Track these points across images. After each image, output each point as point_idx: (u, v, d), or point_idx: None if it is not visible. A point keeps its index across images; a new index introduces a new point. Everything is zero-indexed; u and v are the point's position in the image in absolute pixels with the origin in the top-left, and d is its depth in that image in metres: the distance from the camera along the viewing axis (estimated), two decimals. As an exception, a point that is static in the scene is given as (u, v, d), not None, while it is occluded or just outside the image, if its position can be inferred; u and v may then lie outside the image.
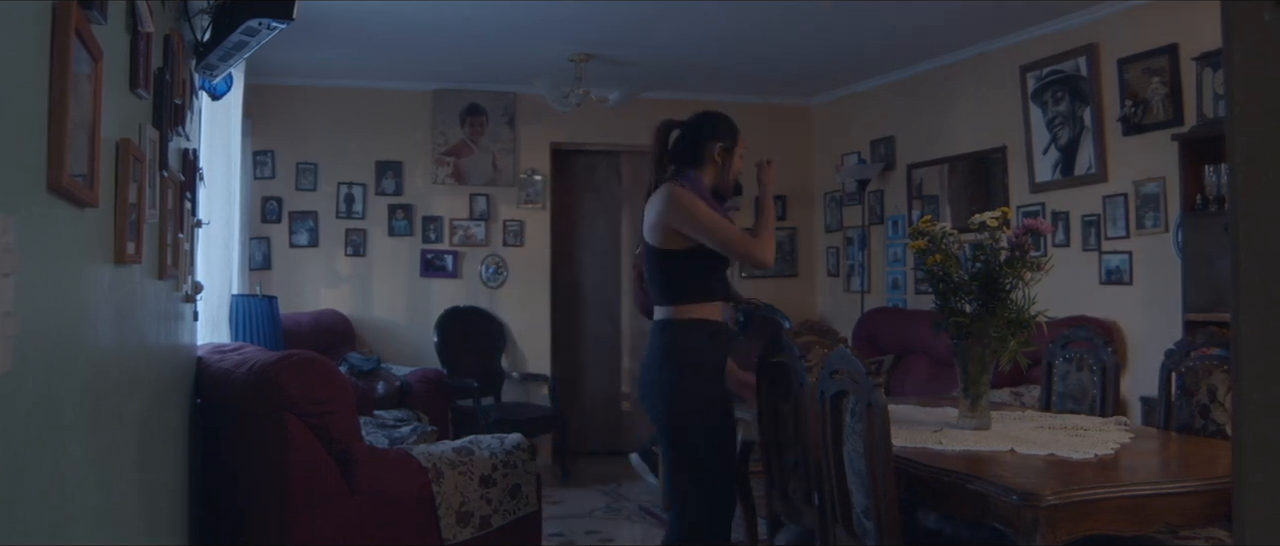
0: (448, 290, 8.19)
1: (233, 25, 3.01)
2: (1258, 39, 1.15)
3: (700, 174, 3.75)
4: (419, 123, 8.12)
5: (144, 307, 2.53)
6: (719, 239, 3.57)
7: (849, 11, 6.10)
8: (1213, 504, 2.94)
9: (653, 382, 3.66)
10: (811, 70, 7.85)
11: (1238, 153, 1.18)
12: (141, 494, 2.56)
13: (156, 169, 2.48)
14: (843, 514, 3.19)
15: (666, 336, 3.65)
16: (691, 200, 3.59)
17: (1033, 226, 3.61)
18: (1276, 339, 1.17)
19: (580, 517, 6.43)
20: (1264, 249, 1.16)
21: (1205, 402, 3.73)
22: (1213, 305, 5.10)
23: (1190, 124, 5.34)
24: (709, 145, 3.77)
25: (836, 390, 3.16)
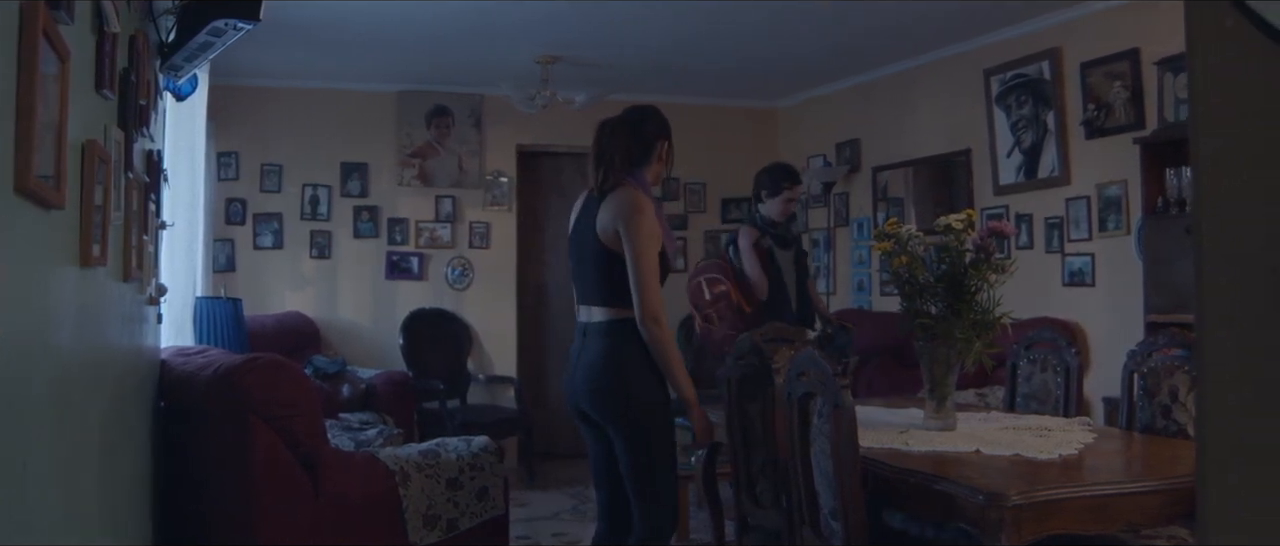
0: (413, 292, 8.16)
1: (198, 26, 2.98)
2: (1220, 44, 1.17)
3: (647, 173, 3.67)
4: (384, 124, 8.08)
5: (109, 310, 2.50)
6: (639, 267, 3.45)
7: (815, 14, 6.13)
8: (1174, 503, 2.97)
9: (603, 389, 3.54)
10: (777, 73, 7.87)
11: (1202, 157, 1.20)
12: (104, 496, 2.53)
13: (122, 170, 2.46)
14: (810, 514, 3.21)
15: (614, 338, 3.53)
16: (646, 219, 3.49)
17: (997, 229, 3.64)
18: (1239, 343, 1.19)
19: (546, 520, 6.42)
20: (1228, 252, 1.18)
21: (1167, 403, 3.77)
22: (1173, 306, 5.16)
23: (1151, 127, 5.41)
24: (658, 143, 3.70)
25: (804, 391, 3.17)
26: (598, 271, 3.56)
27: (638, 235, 3.45)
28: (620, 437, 3.57)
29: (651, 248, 3.46)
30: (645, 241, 3.45)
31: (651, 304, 3.44)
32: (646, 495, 3.57)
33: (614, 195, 3.55)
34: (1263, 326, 1.18)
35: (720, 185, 8.98)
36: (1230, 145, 1.20)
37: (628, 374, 3.52)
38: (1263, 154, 1.17)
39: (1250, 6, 1.13)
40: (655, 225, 3.50)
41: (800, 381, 3.20)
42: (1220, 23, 1.15)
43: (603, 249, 3.53)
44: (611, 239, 3.50)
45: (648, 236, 3.46)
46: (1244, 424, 1.18)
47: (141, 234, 3.12)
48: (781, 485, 3.37)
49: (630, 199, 3.51)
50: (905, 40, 6.82)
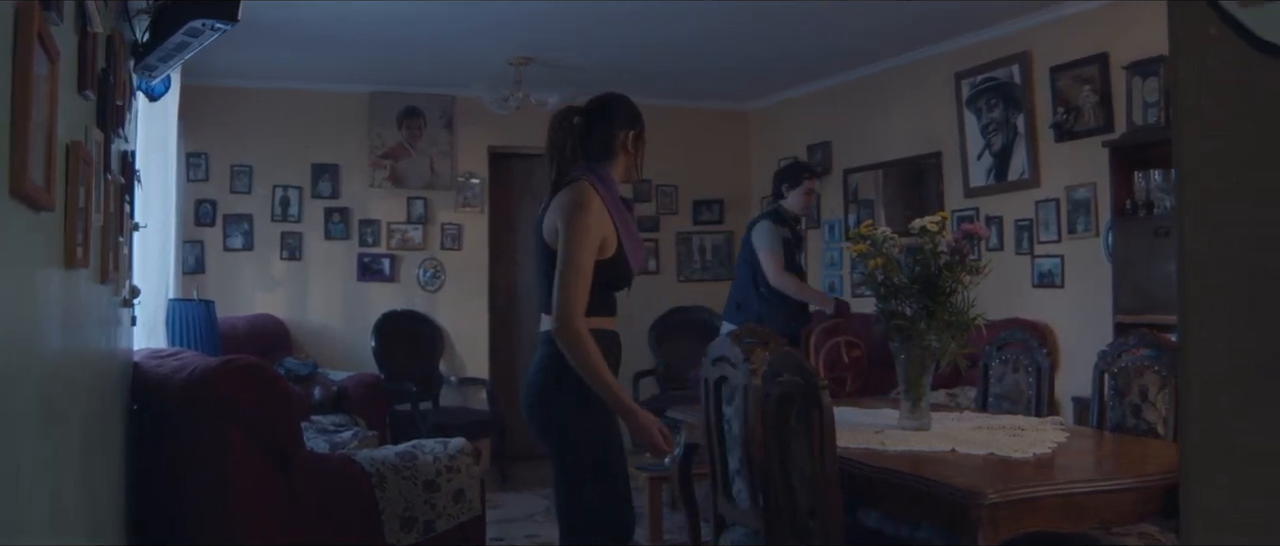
0: (385, 294, 8.14)
1: (175, 26, 2.97)
2: (1204, 50, 1.20)
3: (611, 169, 3.33)
4: (355, 125, 8.06)
5: (89, 312, 2.49)
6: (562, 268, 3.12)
7: (786, 16, 6.16)
8: (1146, 500, 3.03)
9: (533, 404, 3.28)
10: (749, 75, 7.91)
11: (1186, 161, 1.22)
12: (85, 500, 2.52)
13: (101, 172, 2.45)
14: (788, 514, 3.23)
15: (551, 349, 3.20)
16: (586, 216, 3.14)
17: (971, 231, 3.68)
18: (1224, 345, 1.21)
19: (519, 521, 6.42)
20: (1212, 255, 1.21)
21: (1137, 402, 3.83)
22: (1142, 308, 5.23)
23: (1120, 131, 5.48)
24: (620, 133, 3.33)
25: (782, 392, 3.19)
26: (542, 275, 3.28)
27: (571, 232, 3.11)
28: (557, 462, 3.31)
29: (582, 249, 3.11)
30: (575, 240, 3.10)
31: (566, 307, 3.08)
32: (565, 526, 3.32)
33: (562, 192, 3.23)
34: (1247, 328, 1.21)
35: (692, 187, 9.01)
36: (1213, 149, 1.22)
37: (557, 390, 3.21)
38: (1245, 157, 1.20)
39: (1233, 14, 1.16)
40: (599, 224, 3.16)
41: (778, 382, 3.22)
42: (1204, 30, 1.17)
43: (547, 251, 3.23)
44: (553, 238, 3.19)
45: (581, 235, 3.11)
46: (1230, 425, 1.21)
47: (117, 236, 3.10)
48: (759, 485, 3.39)
49: (575, 194, 3.18)
50: (877, 43, 6.87)
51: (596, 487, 3.25)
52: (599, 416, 3.20)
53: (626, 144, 3.35)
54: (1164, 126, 5.11)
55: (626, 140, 3.35)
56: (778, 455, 3.22)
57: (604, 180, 3.28)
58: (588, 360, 3.10)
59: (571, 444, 3.25)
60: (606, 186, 3.27)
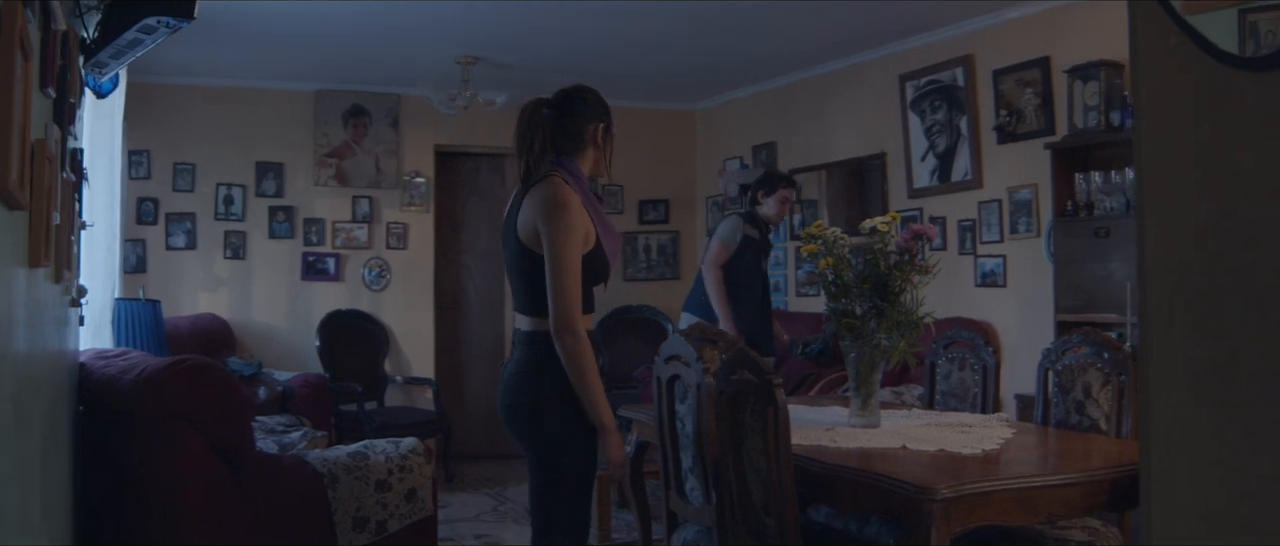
0: (330, 293, 8.08)
1: (128, 22, 2.93)
2: (1163, 61, 1.25)
3: (581, 162, 3.27)
4: (300, 124, 7.99)
5: (46, 312, 2.46)
6: (556, 270, 3.06)
7: (733, 18, 6.20)
8: (1092, 494, 3.10)
9: (515, 406, 3.23)
10: (696, 76, 7.95)
11: (1145, 168, 1.27)
12: (43, 501, 2.49)
13: (59, 170, 2.42)
14: (742, 511, 3.26)
15: (535, 350, 3.17)
16: (569, 215, 3.08)
17: (920, 231, 3.74)
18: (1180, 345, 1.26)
19: (467, 521, 6.41)
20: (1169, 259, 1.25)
21: (1080, 399, 3.92)
22: (1082, 306, 5.34)
23: (1062, 133, 5.59)
24: (589, 126, 3.27)
25: (736, 390, 3.23)
26: (520, 275, 3.22)
27: (557, 233, 3.06)
28: (530, 460, 3.29)
29: (572, 248, 3.07)
30: (565, 240, 3.06)
31: (567, 313, 3.04)
32: (542, 528, 3.27)
33: (537, 188, 3.15)
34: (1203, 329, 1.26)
35: (638, 188, 9.04)
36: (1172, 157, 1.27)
37: (541, 394, 3.17)
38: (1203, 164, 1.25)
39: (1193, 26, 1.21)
40: (582, 222, 3.11)
41: (732, 380, 3.26)
42: (1165, 40, 1.22)
43: (524, 249, 3.17)
44: (532, 238, 3.13)
45: (568, 235, 3.06)
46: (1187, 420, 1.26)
47: (69, 235, 3.07)
48: (712, 483, 3.42)
49: (553, 192, 3.10)
50: (822, 45, 6.94)
51: (575, 488, 3.24)
52: (582, 416, 3.15)
53: (597, 137, 3.29)
54: (1104, 129, 5.23)
55: (596, 133, 3.29)
56: (732, 453, 3.26)
57: (575, 174, 3.21)
58: (585, 365, 3.07)
59: (556, 444, 3.19)
60: (578, 180, 3.20)
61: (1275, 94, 1.13)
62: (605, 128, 3.31)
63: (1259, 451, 1.16)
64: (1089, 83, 5.29)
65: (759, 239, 6.01)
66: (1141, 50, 1.28)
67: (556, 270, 3.05)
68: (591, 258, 3.17)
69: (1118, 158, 5.23)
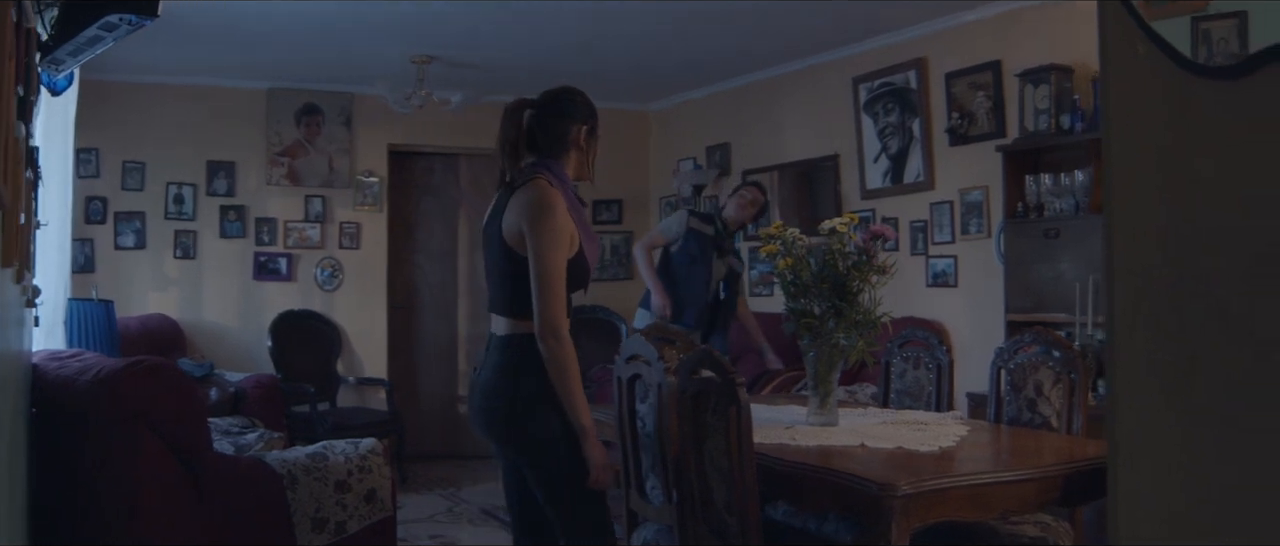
0: (282, 293, 8.02)
1: (89, 19, 2.90)
2: (1132, 69, 1.29)
3: (565, 165, 3.21)
4: (252, 122, 7.92)
5: (8, 313, 2.44)
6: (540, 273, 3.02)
7: (687, 18, 6.23)
8: (1045, 490, 3.16)
9: (493, 411, 3.15)
10: (650, 76, 7.98)
11: (1114, 173, 1.31)
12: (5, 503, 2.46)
13: (23, 168, 2.40)
14: (703, 510, 3.29)
15: (513, 353, 3.12)
16: (554, 217, 3.03)
17: (878, 232, 3.80)
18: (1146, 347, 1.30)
19: (421, 522, 6.40)
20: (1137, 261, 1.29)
21: (1032, 397, 3.99)
22: (1032, 307, 5.43)
23: (1012, 136, 5.68)
24: (573, 128, 3.20)
25: (698, 389, 3.26)
26: (500, 276, 3.17)
27: (543, 236, 3.01)
28: (527, 470, 3.20)
29: (557, 251, 3.02)
30: (550, 243, 3.01)
31: (551, 315, 3.00)
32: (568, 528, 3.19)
33: (522, 190, 3.10)
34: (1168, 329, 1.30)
35: (591, 188, 9.02)
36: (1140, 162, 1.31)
37: (522, 398, 3.10)
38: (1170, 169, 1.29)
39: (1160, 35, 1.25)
40: (566, 225, 3.06)
41: (694, 379, 3.28)
42: (1133, 48, 1.26)
43: (507, 251, 3.11)
44: (516, 240, 3.07)
45: (553, 238, 3.02)
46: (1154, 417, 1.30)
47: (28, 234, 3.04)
48: (674, 482, 3.45)
49: (538, 195, 3.05)
50: (777, 47, 6.99)
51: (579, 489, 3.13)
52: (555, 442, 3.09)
53: (579, 139, 3.22)
54: (1054, 132, 5.32)
55: (579, 136, 3.22)
56: (693, 451, 3.28)
57: (560, 177, 3.15)
58: (566, 370, 3.03)
59: (544, 448, 3.11)
60: (563, 183, 3.14)
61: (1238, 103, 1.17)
62: (589, 130, 3.24)
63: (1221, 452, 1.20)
64: (1039, 86, 5.38)
65: (711, 235, 6.06)
66: (1110, 57, 1.32)
67: (542, 273, 3.01)
68: (573, 263, 3.10)
69: (1067, 160, 5.33)
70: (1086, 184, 5.14)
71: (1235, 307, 1.16)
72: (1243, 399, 1.17)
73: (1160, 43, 1.26)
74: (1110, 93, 1.33)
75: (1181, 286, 1.25)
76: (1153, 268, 1.30)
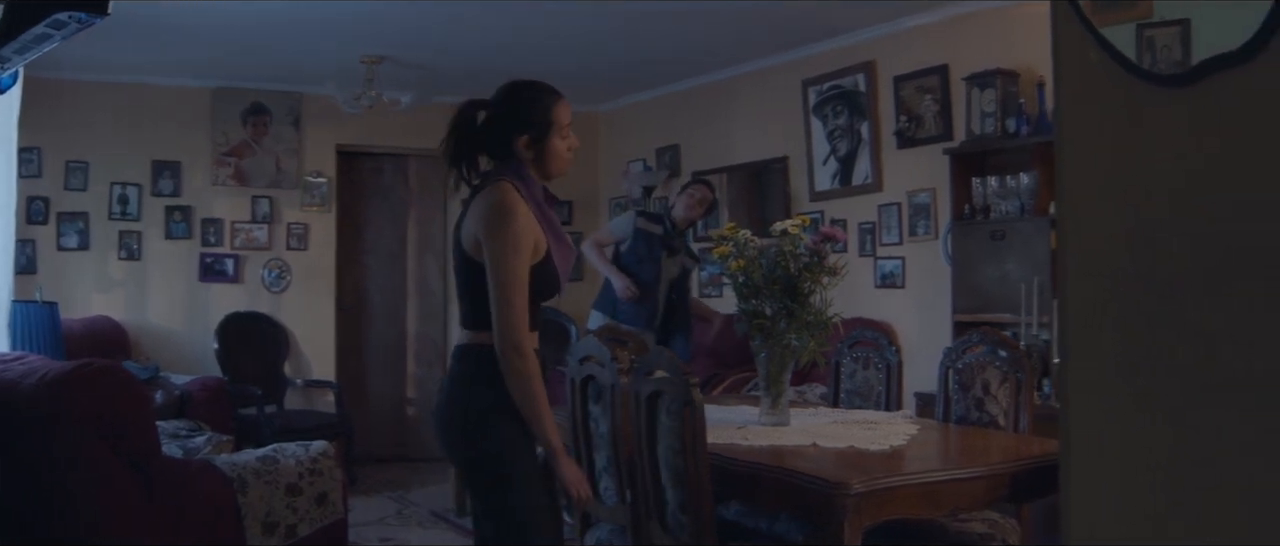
0: (228, 295, 7.94)
1: (36, 17, 2.86)
2: (1084, 75, 1.32)
3: (527, 166, 2.99)
4: (198, 122, 7.83)
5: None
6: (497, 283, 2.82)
7: (638, 20, 6.25)
8: (993, 488, 3.21)
9: (446, 425, 2.95)
10: (600, 77, 7.98)
11: (1067, 177, 1.34)
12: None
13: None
14: (657, 510, 3.31)
15: (469, 363, 2.93)
16: (513, 223, 2.82)
17: (829, 234, 3.83)
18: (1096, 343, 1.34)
19: (371, 525, 6.37)
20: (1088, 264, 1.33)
21: (980, 396, 4.05)
22: (978, 307, 5.51)
23: (959, 139, 5.76)
24: (513, 138, 2.96)
25: (652, 390, 3.28)
26: (461, 285, 3.00)
27: (500, 243, 2.81)
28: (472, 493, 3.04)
29: (515, 258, 2.80)
30: (507, 250, 2.80)
31: (508, 328, 2.79)
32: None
33: (482, 195, 2.92)
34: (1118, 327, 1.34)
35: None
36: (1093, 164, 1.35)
37: (474, 409, 2.89)
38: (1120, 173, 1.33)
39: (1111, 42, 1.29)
40: (527, 230, 2.84)
41: (648, 380, 3.30)
42: (1085, 55, 1.30)
43: (467, 259, 2.93)
44: (475, 248, 2.89)
45: (511, 244, 2.81)
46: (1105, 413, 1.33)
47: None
48: (627, 482, 3.46)
49: (496, 199, 2.84)
50: (726, 49, 7.02)
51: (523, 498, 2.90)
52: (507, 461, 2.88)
53: (520, 149, 2.97)
54: (1000, 135, 5.40)
55: (519, 145, 2.97)
56: (647, 452, 3.30)
57: (525, 179, 2.94)
58: (529, 387, 2.81)
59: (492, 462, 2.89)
60: (528, 186, 2.94)
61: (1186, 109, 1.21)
62: (531, 140, 2.95)
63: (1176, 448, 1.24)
64: (986, 90, 5.46)
65: (660, 235, 6.08)
66: (1063, 63, 1.36)
67: (499, 283, 2.80)
68: (540, 270, 2.91)
69: (1013, 163, 5.41)
70: (1032, 186, 5.22)
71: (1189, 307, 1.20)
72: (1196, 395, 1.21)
73: (1111, 50, 1.29)
74: (1063, 98, 1.37)
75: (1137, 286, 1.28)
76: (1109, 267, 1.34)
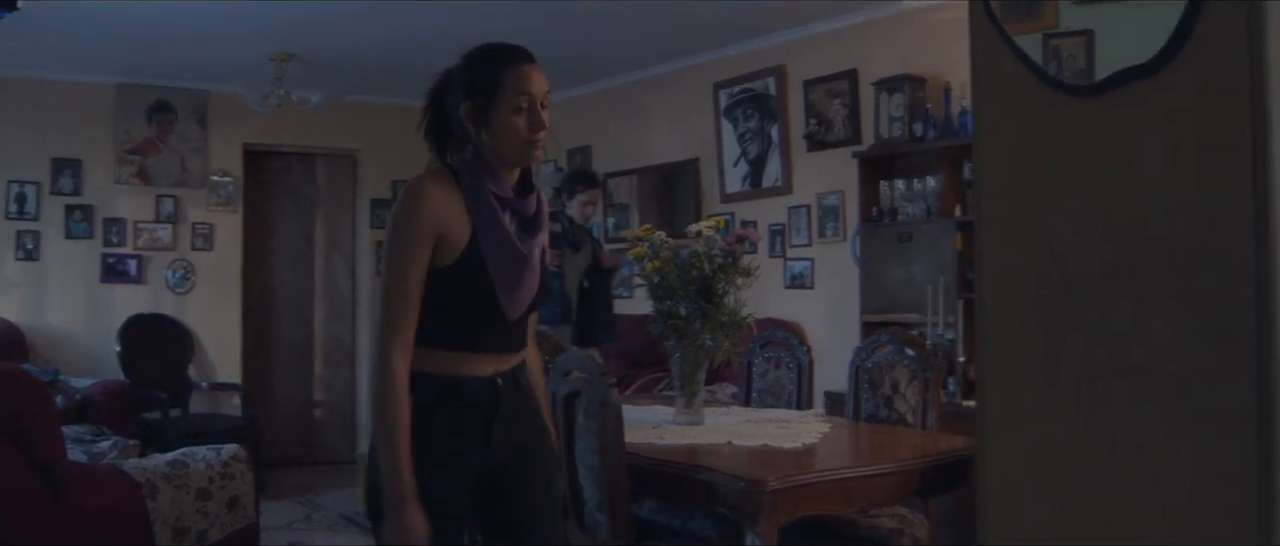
0: (131, 296, 7.76)
1: (-61, 13, 2.79)
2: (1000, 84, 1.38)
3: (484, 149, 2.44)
4: (100, 119, 7.65)
5: None
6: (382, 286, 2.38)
7: (551, 20, 6.26)
8: (903, 484, 3.29)
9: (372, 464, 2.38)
10: (512, 78, 7.95)
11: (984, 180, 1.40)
12: None
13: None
14: (575, 510, 3.34)
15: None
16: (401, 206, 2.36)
17: (743, 235, 3.89)
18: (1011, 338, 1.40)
19: (280, 529, 6.28)
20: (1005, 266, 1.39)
21: (888, 394, 4.15)
22: (886, 308, 5.62)
23: (868, 142, 5.88)
24: (457, 108, 2.45)
25: (570, 390, 3.30)
26: None
27: (387, 233, 2.39)
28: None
29: (396, 255, 2.34)
30: (390, 243, 2.36)
31: (376, 339, 2.34)
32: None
33: None
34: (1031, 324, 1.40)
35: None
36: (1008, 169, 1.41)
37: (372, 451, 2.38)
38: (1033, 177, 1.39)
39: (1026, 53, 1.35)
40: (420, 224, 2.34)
41: (566, 381, 3.33)
42: (1001, 66, 1.36)
43: None
44: None
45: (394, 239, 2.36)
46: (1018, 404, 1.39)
47: None
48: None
49: (405, 190, 2.40)
50: (639, 51, 7.07)
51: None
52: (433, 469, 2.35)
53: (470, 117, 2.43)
54: (907, 139, 5.53)
55: (469, 114, 2.43)
56: (565, 452, 3.33)
57: (475, 165, 2.43)
58: (384, 404, 2.29)
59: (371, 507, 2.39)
60: (472, 170, 2.42)
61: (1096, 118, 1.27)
62: (474, 108, 2.41)
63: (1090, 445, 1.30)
64: (894, 95, 5.58)
65: (559, 233, 6.05)
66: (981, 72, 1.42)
67: (382, 284, 2.39)
68: (457, 272, 2.37)
69: (920, 166, 5.54)
70: (938, 189, 5.35)
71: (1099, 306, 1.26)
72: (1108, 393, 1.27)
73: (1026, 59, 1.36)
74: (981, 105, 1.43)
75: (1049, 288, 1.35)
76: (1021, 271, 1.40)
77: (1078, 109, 1.30)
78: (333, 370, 8.78)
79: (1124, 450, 1.24)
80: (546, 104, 2.47)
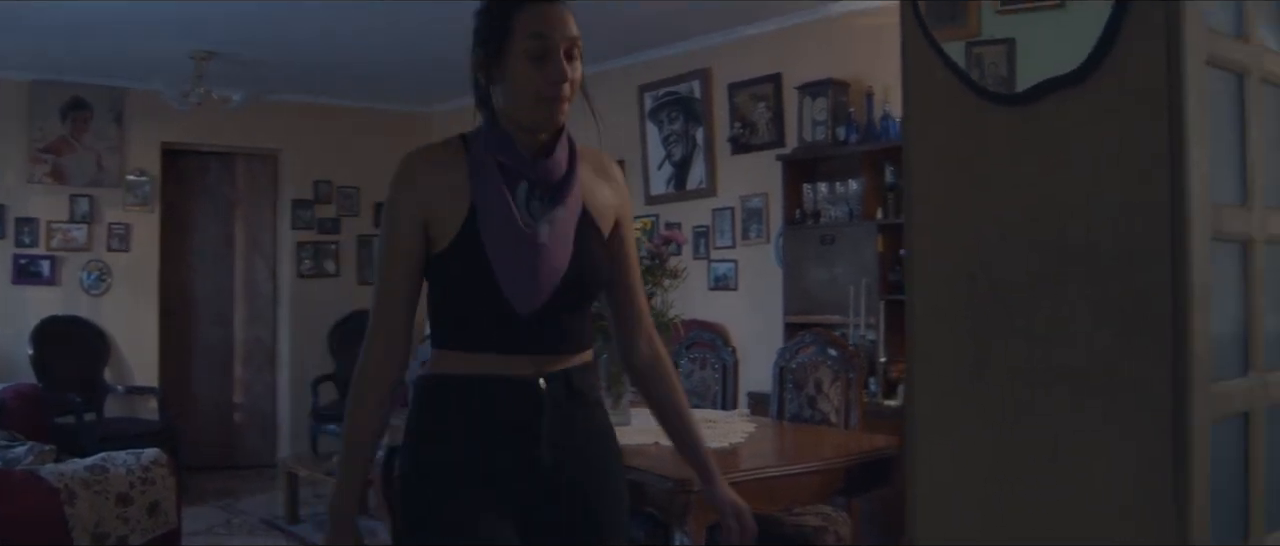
0: (44, 298, 7.58)
1: None
2: (930, 90, 1.42)
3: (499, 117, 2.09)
4: (12, 116, 7.46)
5: None
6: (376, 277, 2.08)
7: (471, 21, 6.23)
8: (827, 482, 3.36)
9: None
10: (434, 77, 7.92)
11: (914, 186, 1.45)
12: None
13: None
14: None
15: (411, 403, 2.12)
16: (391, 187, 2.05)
17: (670, 237, 3.93)
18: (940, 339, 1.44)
19: (200, 535, 6.20)
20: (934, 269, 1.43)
21: (812, 394, 4.22)
22: (809, 309, 5.70)
23: (791, 146, 5.96)
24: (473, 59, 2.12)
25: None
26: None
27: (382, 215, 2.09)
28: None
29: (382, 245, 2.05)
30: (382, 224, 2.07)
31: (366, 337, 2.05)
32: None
33: None
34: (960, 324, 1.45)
35: (374, 189, 8.90)
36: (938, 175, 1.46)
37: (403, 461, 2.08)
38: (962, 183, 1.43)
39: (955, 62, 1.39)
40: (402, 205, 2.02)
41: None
42: (932, 73, 1.40)
43: None
44: None
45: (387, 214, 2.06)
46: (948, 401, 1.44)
47: None
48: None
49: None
50: (564, 53, 7.06)
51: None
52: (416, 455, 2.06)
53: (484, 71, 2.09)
54: (830, 143, 5.61)
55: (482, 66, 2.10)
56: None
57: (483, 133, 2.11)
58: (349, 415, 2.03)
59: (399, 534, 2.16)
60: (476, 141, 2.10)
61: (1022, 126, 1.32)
62: (486, 59, 2.06)
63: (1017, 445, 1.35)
64: (817, 99, 5.66)
65: None
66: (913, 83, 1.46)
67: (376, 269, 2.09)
68: (455, 254, 2.00)
69: (842, 169, 5.63)
70: (860, 192, 5.44)
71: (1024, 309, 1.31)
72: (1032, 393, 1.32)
73: (954, 67, 1.40)
74: (911, 111, 1.47)
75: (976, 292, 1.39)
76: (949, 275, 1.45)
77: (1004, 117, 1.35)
78: (253, 372, 8.66)
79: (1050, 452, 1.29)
80: (577, 53, 2.03)
